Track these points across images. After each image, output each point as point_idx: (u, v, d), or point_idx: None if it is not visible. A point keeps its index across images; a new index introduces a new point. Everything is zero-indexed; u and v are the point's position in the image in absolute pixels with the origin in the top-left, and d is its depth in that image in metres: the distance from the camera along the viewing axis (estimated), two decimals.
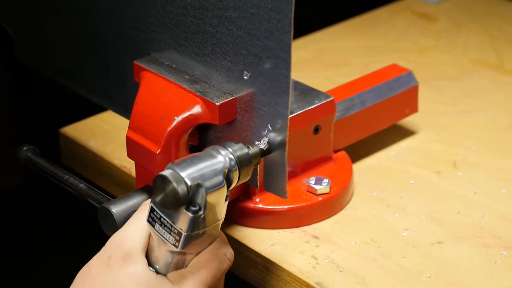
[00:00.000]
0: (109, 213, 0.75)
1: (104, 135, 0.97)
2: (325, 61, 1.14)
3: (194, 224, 0.67)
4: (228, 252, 0.71)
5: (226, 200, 0.69)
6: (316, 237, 0.81)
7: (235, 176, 0.70)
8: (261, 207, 0.81)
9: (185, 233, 0.67)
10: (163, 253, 0.69)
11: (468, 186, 0.89)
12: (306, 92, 0.86)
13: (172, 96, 0.77)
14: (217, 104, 0.74)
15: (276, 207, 0.81)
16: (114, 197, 0.78)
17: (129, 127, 0.79)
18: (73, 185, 0.82)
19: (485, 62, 1.14)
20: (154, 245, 0.69)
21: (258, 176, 0.76)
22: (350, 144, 0.91)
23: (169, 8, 0.79)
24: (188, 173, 0.66)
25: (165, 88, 0.78)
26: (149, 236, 0.70)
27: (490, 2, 1.31)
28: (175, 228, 0.67)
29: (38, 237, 1.25)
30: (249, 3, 0.71)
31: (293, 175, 0.84)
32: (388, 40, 1.20)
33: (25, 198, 1.23)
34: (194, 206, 0.67)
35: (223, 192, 0.68)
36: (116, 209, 0.75)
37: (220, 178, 0.68)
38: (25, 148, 0.86)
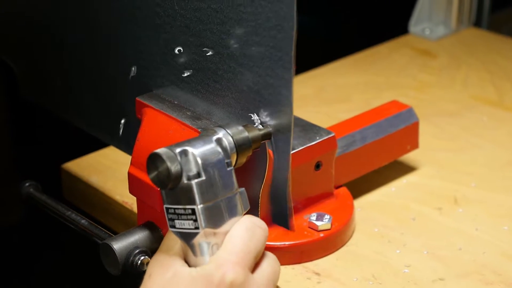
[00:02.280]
0: (111, 250, 0.75)
1: (106, 171, 0.97)
2: (325, 97, 1.15)
3: (202, 192, 0.66)
4: (256, 220, 0.69)
5: (229, 166, 0.68)
6: (317, 274, 0.81)
7: (233, 156, 0.69)
8: None
9: (199, 206, 0.66)
10: (197, 248, 0.67)
11: (469, 222, 0.89)
12: (307, 129, 0.86)
13: (174, 133, 0.77)
14: None
15: (278, 243, 0.81)
16: (115, 233, 0.78)
17: (131, 163, 0.79)
18: (74, 221, 0.82)
19: (485, 98, 1.14)
20: (187, 248, 0.68)
21: (259, 212, 0.76)
22: (351, 180, 0.91)
23: (171, 46, 0.80)
24: (176, 146, 0.66)
25: (167, 124, 0.78)
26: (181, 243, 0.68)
27: (488, 38, 1.32)
28: (188, 209, 0.66)
29: (38, 274, 1.24)
30: (251, 41, 0.71)
31: (294, 211, 0.84)
32: (388, 76, 1.21)
33: (26, 234, 1.22)
34: (191, 172, 0.66)
35: (219, 155, 0.67)
36: (118, 245, 0.75)
37: (210, 143, 0.68)
38: (27, 184, 0.86)
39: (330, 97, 1.15)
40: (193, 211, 0.66)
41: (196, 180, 0.66)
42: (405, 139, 0.95)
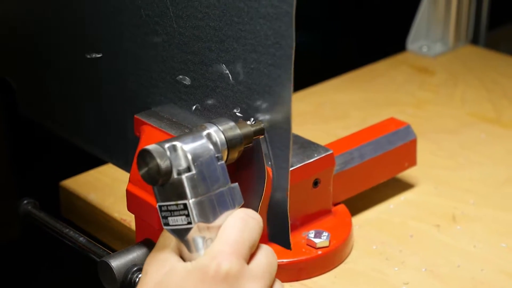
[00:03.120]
0: (109, 267, 0.75)
1: (104, 188, 0.97)
2: (323, 114, 1.15)
3: (192, 185, 0.66)
4: (249, 211, 0.68)
5: (219, 160, 0.68)
6: None
7: (224, 152, 0.69)
8: None
9: (190, 200, 0.65)
10: (191, 243, 0.67)
11: (468, 240, 0.89)
12: (305, 146, 0.86)
13: None
14: None
15: None
16: (114, 251, 0.78)
17: (129, 181, 0.79)
18: (72, 238, 0.82)
19: (483, 116, 1.15)
20: (183, 246, 0.68)
21: None
22: (349, 197, 0.91)
23: (170, 63, 0.80)
24: (165, 142, 0.66)
25: None
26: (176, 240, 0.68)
27: (486, 56, 1.33)
28: (180, 205, 0.66)
29: None
30: (249, 58, 0.72)
31: (292, 228, 0.84)
32: (386, 93, 1.21)
33: (24, 251, 1.22)
34: (181, 167, 0.66)
35: (209, 150, 0.67)
36: (116, 263, 0.75)
37: (199, 137, 0.68)
38: (25, 202, 0.86)
39: (328, 114, 1.15)
40: (185, 206, 0.66)
41: (186, 175, 0.65)
42: (403, 156, 0.95)
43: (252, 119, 0.73)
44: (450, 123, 1.13)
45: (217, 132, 0.70)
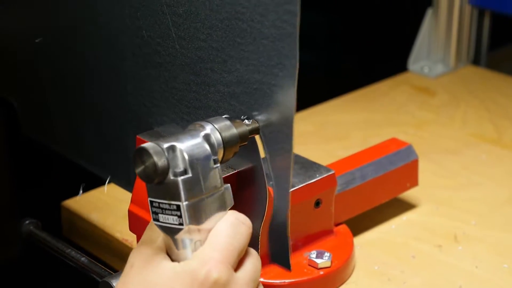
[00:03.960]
0: None
1: (106, 208, 0.97)
2: (325, 134, 1.15)
3: (187, 189, 0.65)
4: (240, 216, 0.68)
5: (215, 163, 0.67)
6: None
7: (220, 151, 0.69)
8: (262, 281, 0.81)
9: (184, 203, 0.65)
10: (180, 243, 0.67)
11: (469, 260, 0.88)
12: (307, 166, 0.86)
13: None
14: None
15: (278, 281, 0.81)
16: (115, 271, 0.78)
17: (131, 201, 0.79)
18: (74, 258, 0.82)
19: (484, 136, 1.15)
20: (171, 242, 0.67)
21: (259, 250, 0.76)
22: (351, 218, 0.91)
23: (172, 84, 0.80)
24: (163, 140, 0.66)
25: None
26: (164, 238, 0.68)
27: (487, 76, 1.33)
28: (173, 205, 0.66)
29: None
30: (252, 79, 0.72)
31: (294, 248, 0.84)
32: (388, 113, 1.22)
33: (26, 271, 1.22)
34: (178, 169, 0.65)
35: (206, 153, 0.67)
36: (117, 283, 0.75)
37: (198, 139, 0.67)
38: (27, 222, 0.86)
39: (330, 134, 1.15)
40: (178, 207, 0.66)
41: (182, 177, 0.65)
42: (405, 176, 0.95)
43: (247, 117, 0.72)
44: (452, 144, 1.13)
45: (213, 132, 0.69)
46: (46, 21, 0.95)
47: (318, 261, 0.82)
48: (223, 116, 0.72)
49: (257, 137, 0.73)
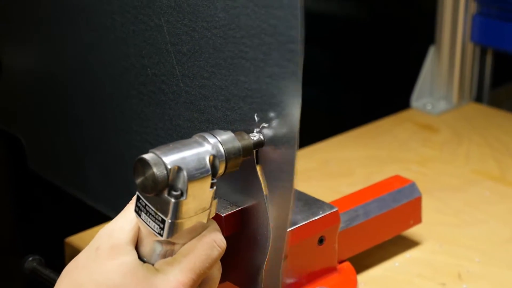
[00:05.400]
0: None
1: None
2: (329, 171, 1.16)
3: (177, 210, 0.65)
4: (218, 239, 0.68)
5: (212, 187, 0.67)
6: None
7: (221, 165, 0.68)
8: None
9: (169, 220, 0.65)
10: (151, 244, 0.67)
11: None
12: (310, 203, 0.86)
13: None
14: (222, 215, 0.74)
15: None
16: None
17: None
18: None
19: (487, 173, 1.15)
20: (143, 237, 0.68)
21: (262, 284, 0.76)
22: (354, 255, 0.91)
23: (176, 121, 0.80)
24: (169, 157, 0.65)
25: None
26: (139, 228, 0.68)
27: (489, 114, 1.33)
28: (159, 216, 0.65)
29: None
30: (255, 117, 0.72)
31: (297, 286, 0.84)
32: (391, 150, 1.22)
33: None
34: (175, 191, 0.65)
35: (207, 178, 0.66)
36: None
37: (203, 163, 0.66)
38: (30, 259, 0.86)
39: (333, 171, 1.16)
40: (163, 221, 0.66)
41: (176, 200, 0.65)
42: (408, 213, 0.95)
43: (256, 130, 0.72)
44: (455, 181, 1.13)
45: (216, 145, 0.68)
46: (54, 59, 0.96)
47: None
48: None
49: (260, 175, 0.73)
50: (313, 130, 1.21)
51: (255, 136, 0.71)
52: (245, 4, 0.69)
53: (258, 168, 0.73)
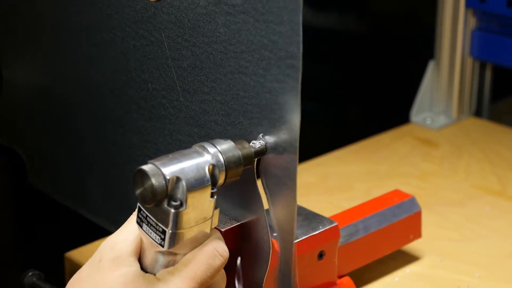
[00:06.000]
0: None
1: None
2: (328, 186, 1.16)
3: (177, 220, 0.65)
4: (220, 248, 0.68)
5: (212, 197, 0.67)
6: None
7: (221, 175, 0.68)
8: None
9: (170, 231, 0.65)
10: (153, 255, 0.67)
11: None
12: (310, 218, 0.86)
13: None
14: (222, 230, 0.74)
15: None
16: None
17: None
18: None
19: (487, 188, 1.15)
20: (145, 248, 0.68)
21: None
22: (354, 270, 0.91)
23: (177, 136, 0.81)
24: (167, 168, 0.65)
25: None
26: (141, 240, 0.68)
27: (489, 128, 1.34)
28: (160, 227, 0.65)
29: None
30: (255, 131, 0.72)
31: None
32: (391, 165, 1.22)
33: None
34: (175, 201, 0.65)
35: (207, 188, 0.66)
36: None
37: (202, 172, 0.66)
38: (30, 273, 0.86)
39: (333, 186, 1.16)
40: (164, 232, 0.66)
41: (176, 210, 0.65)
42: (408, 228, 0.95)
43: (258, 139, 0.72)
44: (455, 195, 1.13)
45: (216, 155, 0.68)
46: (55, 73, 0.96)
47: None
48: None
49: (260, 189, 0.73)
50: (313, 144, 1.21)
51: (256, 144, 0.71)
52: (246, 19, 0.70)
53: (258, 182, 0.73)
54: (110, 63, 0.87)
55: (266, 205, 0.73)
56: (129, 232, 0.69)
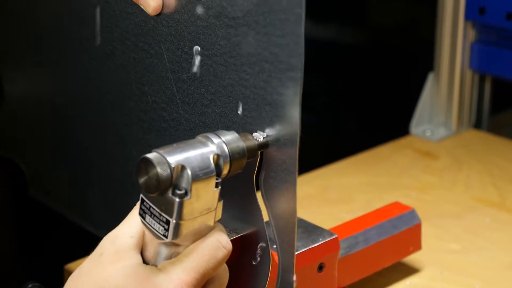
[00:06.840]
0: None
1: None
2: (328, 198, 1.16)
3: (182, 210, 0.64)
4: (223, 240, 0.67)
5: (216, 187, 0.66)
6: None
7: (226, 165, 0.68)
8: None
9: (174, 221, 0.64)
10: (156, 247, 0.67)
11: None
12: (310, 230, 0.86)
13: None
14: None
15: None
16: None
17: None
18: None
19: (487, 200, 1.15)
20: (148, 242, 0.67)
21: None
22: (354, 282, 0.91)
23: None
24: (172, 156, 0.64)
25: None
26: (143, 233, 0.68)
27: (488, 140, 1.34)
28: (163, 217, 0.65)
29: None
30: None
31: None
32: (390, 177, 1.22)
33: None
34: (179, 190, 0.64)
35: (211, 178, 0.66)
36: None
37: (207, 162, 0.66)
38: (30, 285, 0.86)
39: (333, 198, 1.16)
40: (167, 222, 0.65)
41: (181, 199, 0.64)
42: (408, 240, 0.95)
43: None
44: (455, 207, 1.13)
45: (220, 145, 0.68)
46: (55, 86, 0.96)
47: None
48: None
49: (260, 201, 0.73)
50: (312, 156, 1.21)
51: (259, 137, 0.71)
52: (247, 32, 0.70)
53: (257, 194, 0.73)
54: (110, 75, 0.87)
55: (266, 218, 0.73)
56: (130, 226, 0.68)
